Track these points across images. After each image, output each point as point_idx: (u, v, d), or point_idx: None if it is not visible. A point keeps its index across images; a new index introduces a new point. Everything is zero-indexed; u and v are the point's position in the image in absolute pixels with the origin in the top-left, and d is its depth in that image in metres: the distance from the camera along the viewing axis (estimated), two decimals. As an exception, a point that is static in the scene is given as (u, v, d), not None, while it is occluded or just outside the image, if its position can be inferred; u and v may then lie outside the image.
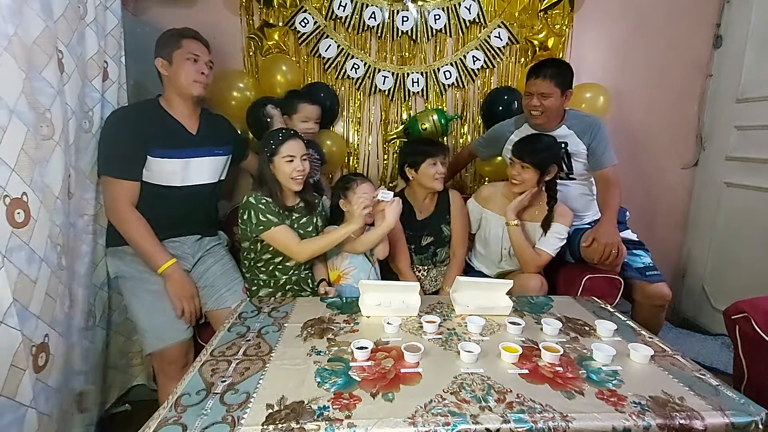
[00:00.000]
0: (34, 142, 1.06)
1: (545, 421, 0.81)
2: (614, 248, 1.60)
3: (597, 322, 1.21)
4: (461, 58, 2.30)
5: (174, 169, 1.49)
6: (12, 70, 1.01)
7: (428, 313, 1.30)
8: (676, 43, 2.37)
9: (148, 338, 1.44)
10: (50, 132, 1.16)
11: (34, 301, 1.05)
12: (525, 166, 1.62)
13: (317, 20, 2.21)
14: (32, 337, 1.05)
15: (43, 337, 1.10)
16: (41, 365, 1.09)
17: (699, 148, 2.51)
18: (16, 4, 1.02)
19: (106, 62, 1.51)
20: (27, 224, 1.03)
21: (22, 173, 1.02)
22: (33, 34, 1.09)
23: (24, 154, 1.03)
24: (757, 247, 2.13)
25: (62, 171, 1.21)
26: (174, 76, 1.48)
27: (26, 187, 1.03)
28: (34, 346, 1.05)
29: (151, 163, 1.45)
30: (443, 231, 1.79)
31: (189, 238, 1.58)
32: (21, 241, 1.01)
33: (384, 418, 0.81)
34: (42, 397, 1.08)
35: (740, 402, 0.89)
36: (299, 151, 1.48)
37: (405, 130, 2.30)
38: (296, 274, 1.60)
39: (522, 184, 1.64)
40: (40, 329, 1.08)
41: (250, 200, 1.45)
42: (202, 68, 1.50)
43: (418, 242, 1.78)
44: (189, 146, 1.53)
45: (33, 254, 1.05)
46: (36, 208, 1.06)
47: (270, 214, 1.45)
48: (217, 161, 1.62)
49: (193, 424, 0.79)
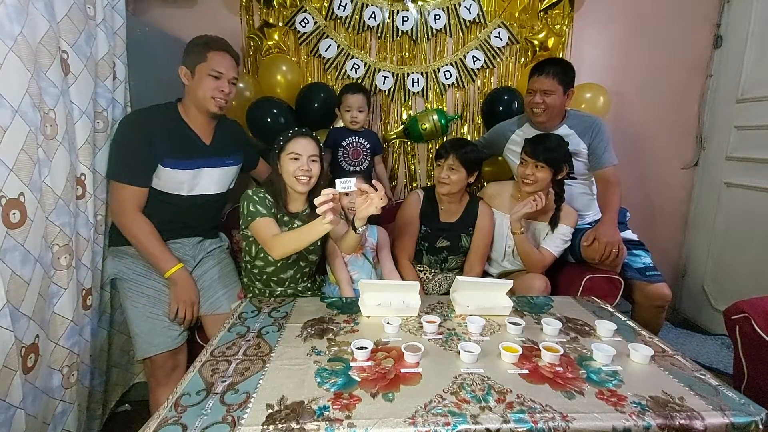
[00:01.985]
0: (35, 142, 1.06)
1: (545, 421, 0.81)
2: (615, 248, 1.60)
3: (597, 322, 1.21)
4: (461, 58, 2.30)
5: (183, 179, 1.47)
6: (18, 70, 1.01)
7: (428, 313, 1.30)
8: (676, 43, 2.37)
9: (140, 343, 1.43)
10: (54, 132, 1.16)
11: (26, 301, 1.05)
12: (540, 166, 1.59)
13: (317, 20, 2.21)
14: (23, 338, 1.04)
15: (34, 337, 1.09)
16: (30, 366, 1.08)
17: (699, 148, 2.51)
18: (22, 4, 1.02)
19: (114, 62, 1.51)
20: (23, 225, 1.03)
21: (21, 173, 1.02)
22: (39, 34, 1.09)
23: (24, 154, 1.02)
24: (757, 248, 2.13)
25: (66, 171, 1.21)
26: (193, 88, 1.45)
27: (24, 187, 1.03)
28: (24, 347, 1.04)
29: (161, 171, 1.44)
30: (461, 240, 1.73)
31: (190, 240, 1.58)
32: (15, 241, 1.01)
33: (384, 418, 0.81)
34: (30, 398, 1.08)
35: (740, 402, 0.89)
36: (307, 150, 1.41)
37: (405, 130, 2.30)
38: (292, 287, 1.55)
39: (535, 184, 1.61)
40: (31, 330, 1.08)
41: (248, 192, 1.43)
42: (223, 86, 1.44)
43: (432, 242, 1.73)
44: (201, 157, 1.50)
45: (28, 255, 1.05)
46: (33, 208, 1.06)
47: (260, 206, 1.39)
48: (228, 171, 1.60)
49: (193, 424, 0.79)
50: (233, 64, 1.48)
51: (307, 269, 1.57)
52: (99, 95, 1.43)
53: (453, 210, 1.74)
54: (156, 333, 1.43)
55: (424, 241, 1.74)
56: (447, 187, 1.65)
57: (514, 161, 1.94)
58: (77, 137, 1.30)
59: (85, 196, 1.34)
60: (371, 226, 1.66)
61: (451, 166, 1.62)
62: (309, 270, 1.59)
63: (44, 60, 1.12)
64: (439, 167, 1.67)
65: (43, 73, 1.12)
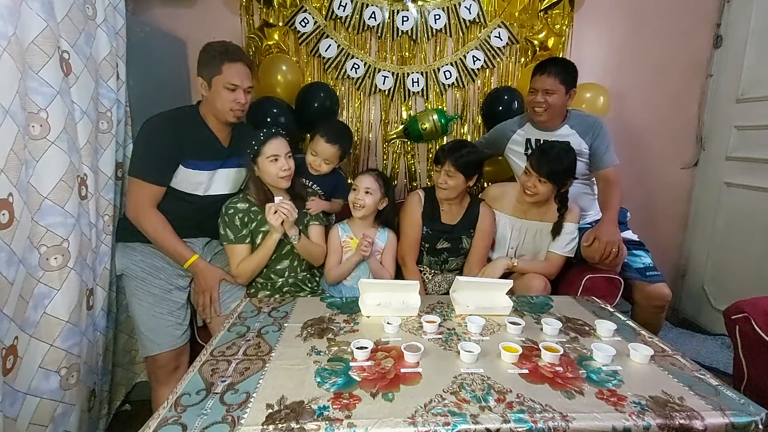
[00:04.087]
0: (22, 142, 1.05)
1: (545, 421, 0.81)
2: (615, 247, 1.60)
3: (597, 322, 1.21)
4: (461, 58, 2.29)
5: (201, 180, 1.51)
6: (10, 71, 1.00)
7: (428, 313, 1.30)
8: (676, 43, 2.37)
9: (144, 342, 1.46)
10: (44, 132, 1.15)
11: (9, 303, 1.04)
12: (543, 181, 1.59)
13: (317, 20, 2.21)
14: (3, 340, 1.03)
15: (13, 339, 1.08)
16: (9, 368, 1.07)
17: (699, 148, 2.51)
18: (15, 4, 1.01)
19: (117, 63, 1.51)
20: (10, 225, 1.02)
21: (9, 174, 1.01)
22: (32, 34, 1.08)
23: (13, 154, 1.02)
24: (757, 247, 2.12)
25: (59, 172, 1.19)
26: (211, 100, 1.47)
27: (12, 187, 1.02)
28: (4, 348, 1.03)
29: (181, 171, 1.47)
30: (462, 242, 1.72)
31: (200, 240, 1.59)
32: (3, 242, 1.00)
33: (384, 418, 0.81)
34: (8, 401, 1.07)
35: (740, 402, 0.89)
36: (281, 149, 1.47)
37: (405, 130, 2.30)
38: (293, 276, 1.59)
39: (536, 196, 1.62)
40: (11, 331, 1.06)
41: (222, 209, 1.50)
42: (239, 98, 1.46)
43: (433, 243, 1.73)
44: (219, 158, 1.54)
45: (13, 256, 1.03)
46: (20, 208, 1.05)
47: (230, 228, 1.49)
48: (241, 172, 1.63)
49: (193, 424, 0.79)
50: (248, 73, 1.49)
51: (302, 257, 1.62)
52: (102, 96, 1.43)
53: (454, 212, 1.73)
54: (160, 332, 1.45)
55: (425, 242, 1.73)
56: (445, 192, 1.65)
57: (515, 161, 1.94)
58: (79, 137, 1.30)
59: (87, 196, 1.34)
60: (384, 229, 1.67)
61: (448, 171, 1.61)
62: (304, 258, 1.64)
63: (36, 59, 1.11)
64: (437, 172, 1.67)
65: (35, 72, 1.11)
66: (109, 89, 1.46)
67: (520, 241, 1.75)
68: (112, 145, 1.48)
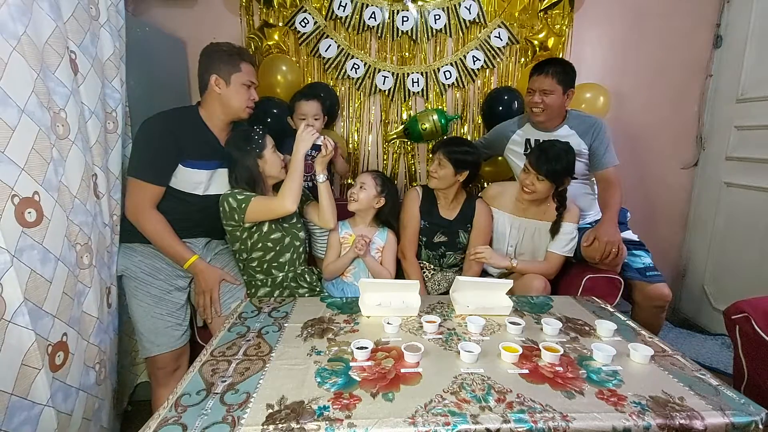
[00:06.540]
0: (48, 142, 1.06)
1: (545, 421, 0.81)
2: (615, 247, 1.60)
3: (597, 322, 1.21)
4: (461, 58, 2.30)
5: (200, 179, 1.51)
6: (22, 70, 1.00)
7: (428, 312, 1.30)
8: (676, 43, 2.37)
9: (144, 343, 1.46)
10: (66, 132, 1.16)
11: (50, 300, 1.05)
12: (541, 179, 1.60)
13: (317, 20, 2.21)
14: (48, 336, 1.05)
15: (61, 335, 1.10)
16: (59, 364, 1.09)
17: (699, 148, 2.51)
18: (26, 4, 1.01)
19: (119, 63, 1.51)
20: (40, 223, 1.03)
21: (33, 172, 1.02)
22: (45, 34, 1.09)
23: (35, 153, 1.02)
24: (757, 247, 2.13)
25: (80, 170, 1.21)
26: (227, 97, 1.48)
27: (38, 186, 1.03)
28: (50, 345, 1.05)
29: (180, 171, 1.47)
30: (459, 236, 1.75)
31: (199, 240, 1.59)
32: (33, 240, 1.01)
33: (384, 418, 0.81)
34: (60, 396, 1.09)
35: (740, 402, 0.89)
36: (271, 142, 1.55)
37: (405, 130, 2.30)
38: (293, 270, 1.60)
39: (534, 194, 1.63)
40: (57, 328, 1.08)
41: (224, 193, 1.50)
42: (254, 95, 1.52)
43: (430, 236, 1.75)
44: (218, 158, 1.54)
45: (47, 254, 1.04)
46: (50, 207, 1.06)
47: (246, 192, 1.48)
48: None
49: (193, 424, 0.79)
50: (255, 72, 1.56)
51: (301, 248, 1.63)
52: (108, 96, 1.44)
53: (451, 207, 1.76)
54: (160, 333, 1.45)
55: (423, 236, 1.75)
56: (435, 181, 1.70)
57: (515, 161, 1.94)
58: (90, 137, 1.30)
59: (99, 195, 1.35)
60: (383, 228, 1.69)
61: (440, 160, 1.67)
62: (303, 249, 1.64)
63: (52, 60, 1.11)
64: (431, 161, 1.72)
65: (51, 72, 1.11)
66: (113, 89, 1.46)
67: (519, 239, 1.75)
68: (119, 145, 1.48)
